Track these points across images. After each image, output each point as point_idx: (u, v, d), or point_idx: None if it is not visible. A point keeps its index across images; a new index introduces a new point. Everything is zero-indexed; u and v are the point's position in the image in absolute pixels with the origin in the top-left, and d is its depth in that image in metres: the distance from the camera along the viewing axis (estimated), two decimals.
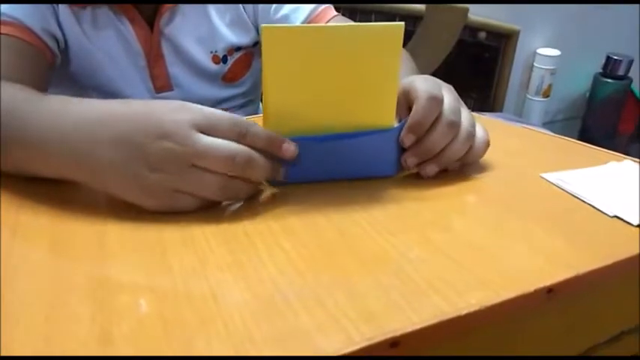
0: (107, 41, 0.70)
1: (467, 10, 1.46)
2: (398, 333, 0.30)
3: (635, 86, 1.98)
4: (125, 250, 0.38)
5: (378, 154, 0.48)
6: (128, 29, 0.70)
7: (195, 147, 0.39)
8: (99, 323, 0.30)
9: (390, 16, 1.45)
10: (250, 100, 0.85)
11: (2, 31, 0.60)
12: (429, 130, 0.47)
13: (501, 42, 1.59)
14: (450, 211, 0.46)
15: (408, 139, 0.47)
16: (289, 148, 0.43)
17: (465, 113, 0.50)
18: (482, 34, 1.55)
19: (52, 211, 0.42)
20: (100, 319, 0.31)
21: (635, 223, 0.43)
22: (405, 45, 0.47)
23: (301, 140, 0.44)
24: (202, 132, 0.40)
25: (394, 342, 0.30)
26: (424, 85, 0.48)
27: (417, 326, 0.30)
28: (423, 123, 0.47)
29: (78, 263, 0.36)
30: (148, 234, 0.39)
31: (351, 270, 0.36)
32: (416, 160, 0.49)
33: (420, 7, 1.45)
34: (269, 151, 0.43)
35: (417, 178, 0.50)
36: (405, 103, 0.49)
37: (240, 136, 0.41)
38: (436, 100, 0.47)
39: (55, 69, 0.68)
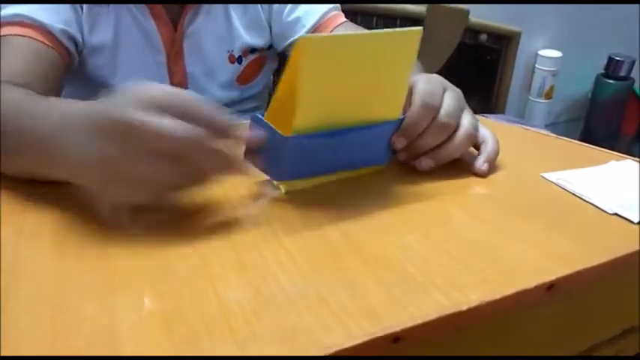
0: (128, 39, 0.70)
1: (467, 11, 1.46)
2: (399, 328, 0.30)
3: (637, 87, 1.97)
4: (128, 249, 0.38)
5: (375, 144, 0.49)
6: (152, 26, 0.71)
7: (135, 123, 0.36)
8: (102, 323, 0.31)
9: (391, 19, 1.45)
10: (257, 107, 0.86)
11: (19, 33, 0.60)
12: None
13: (502, 44, 1.59)
14: (451, 209, 0.46)
15: (399, 143, 0.49)
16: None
17: (468, 116, 0.50)
18: (484, 37, 1.55)
19: (55, 212, 0.42)
20: (103, 319, 0.31)
21: (636, 220, 0.43)
22: None
23: (311, 138, 0.44)
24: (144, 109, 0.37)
25: (396, 337, 0.30)
26: (423, 88, 0.48)
27: (419, 321, 0.31)
28: (414, 129, 0.48)
29: (82, 263, 0.36)
30: (150, 234, 0.40)
31: (352, 268, 0.36)
32: (406, 155, 0.51)
33: (420, 9, 1.45)
34: (213, 134, 0.37)
35: (419, 177, 0.50)
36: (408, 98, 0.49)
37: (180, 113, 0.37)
38: (429, 108, 0.48)
39: (72, 71, 0.68)
